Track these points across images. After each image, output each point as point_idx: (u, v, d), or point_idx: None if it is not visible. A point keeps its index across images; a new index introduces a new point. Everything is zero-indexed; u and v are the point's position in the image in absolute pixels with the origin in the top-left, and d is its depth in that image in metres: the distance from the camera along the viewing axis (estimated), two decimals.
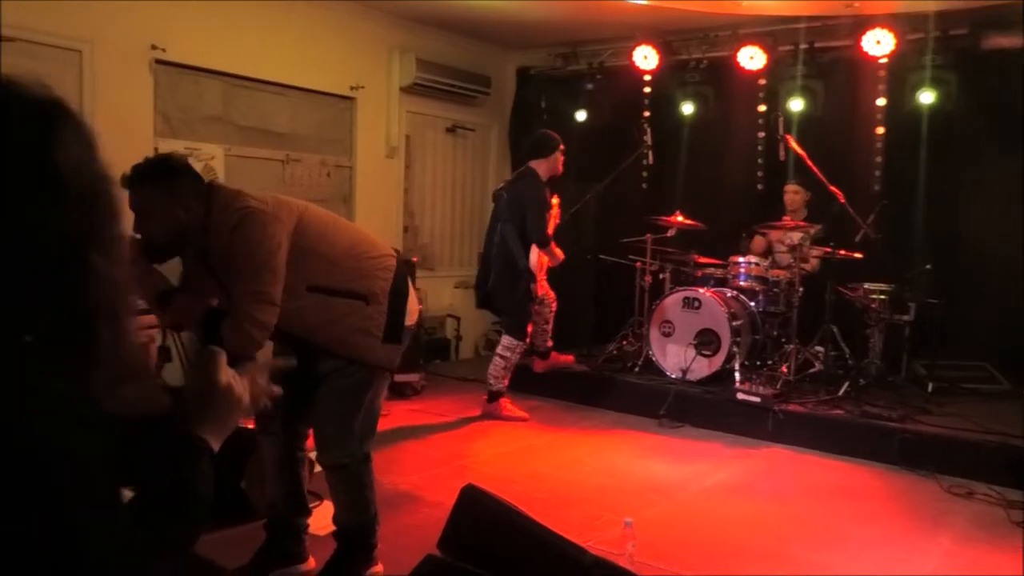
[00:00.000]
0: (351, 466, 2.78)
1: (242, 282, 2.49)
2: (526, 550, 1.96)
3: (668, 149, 6.78)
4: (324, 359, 2.71)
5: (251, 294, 2.48)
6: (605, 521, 3.55)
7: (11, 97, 0.96)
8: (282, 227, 2.55)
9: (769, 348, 5.78)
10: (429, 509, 3.63)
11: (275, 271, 2.51)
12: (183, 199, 2.48)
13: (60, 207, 0.94)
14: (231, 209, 2.51)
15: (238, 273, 2.49)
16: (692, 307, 5.65)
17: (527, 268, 5.21)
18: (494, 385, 5.37)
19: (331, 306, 2.65)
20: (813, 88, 6.15)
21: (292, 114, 6.15)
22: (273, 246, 2.51)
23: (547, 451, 4.78)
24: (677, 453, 4.78)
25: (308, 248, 2.61)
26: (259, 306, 2.48)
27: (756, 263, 5.78)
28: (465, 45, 7.29)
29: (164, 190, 2.46)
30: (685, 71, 6.68)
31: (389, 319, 2.73)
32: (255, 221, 2.50)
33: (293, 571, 2.96)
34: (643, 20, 6.36)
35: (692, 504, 3.94)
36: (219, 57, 5.56)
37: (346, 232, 2.79)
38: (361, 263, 2.73)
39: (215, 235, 2.51)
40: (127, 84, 5.09)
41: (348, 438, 2.76)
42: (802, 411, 5.04)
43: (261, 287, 2.48)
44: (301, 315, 2.62)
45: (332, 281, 2.65)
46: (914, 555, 3.42)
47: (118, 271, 0.99)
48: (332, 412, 2.75)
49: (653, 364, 5.81)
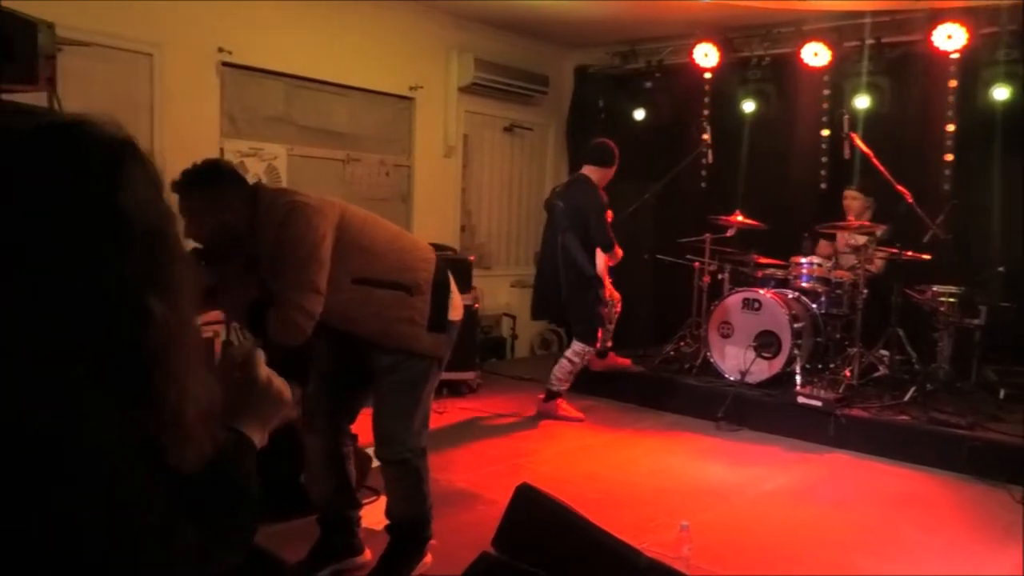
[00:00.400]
0: (411, 461, 2.82)
1: (289, 272, 2.54)
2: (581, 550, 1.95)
3: (728, 148, 6.68)
4: (381, 355, 2.75)
5: (298, 284, 2.53)
6: (660, 523, 3.52)
7: (84, 137, 0.97)
8: (326, 220, 2.60)
9: (831, 351, 5.65)
10: (484, 507, 3.65)
11: (320, 262, 2.56)
12: (230, 202, 2.55)
13: (123, 249, 0.94)
14: (277, 205, 2.58)
15: (285, 264, 2.55)
16: (752, 308, 5.55)
17: (595, 275, 5.19)
18: (555, 386, 5.36)
19: (375, 297, 2.68)
20: (880, 85, 5.98)
21: (352, 114, 6.25)
22: (318, 237, 2.56)
23: (602, 451, 4.75)
24: (735, 456, 4.70)
25: (351, 241, 2.66)
26: (306, 295, 2.53)
27: (819, 264, 5.65)
28: (523, 44, 7.29)
29: (211, 194, 2.53)
30: (746, 68, 6.57)
31: (433, 309, 2.76)
32: (301, 214, 2.56)
33: (350, 564, 3.01)
34: (704, 17, 6.27)
35: (750, 509, 3.88)
36: (282, 59, 5.68)
37: (386, 228, 2.85)
38: (402, 255, 2.78)
39: (263, 234, 2.57)
40: (195, 86, 5.23)
41: (407, 433, 2.79)
42: (866, 416, 4.91)
43: (307, 277, 2.53)
44: (345, 307, 2.66)
45: (375, 273, 2.69)
46: (982, 567, 3.30)
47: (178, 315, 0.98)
48: (392, 407, 2.79)
49: (711, 366, 5.74)
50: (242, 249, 2.62)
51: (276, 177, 5.74)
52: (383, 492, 3.68)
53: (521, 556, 1.96)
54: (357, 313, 2.69)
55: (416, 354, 2.75)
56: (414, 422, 2.80)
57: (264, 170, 5.68)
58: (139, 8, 4.88)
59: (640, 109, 7.20)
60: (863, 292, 5.30)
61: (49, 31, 3.32)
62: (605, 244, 5.18)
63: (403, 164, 6.66)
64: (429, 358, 2.79)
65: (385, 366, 2.76)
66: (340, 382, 2.93)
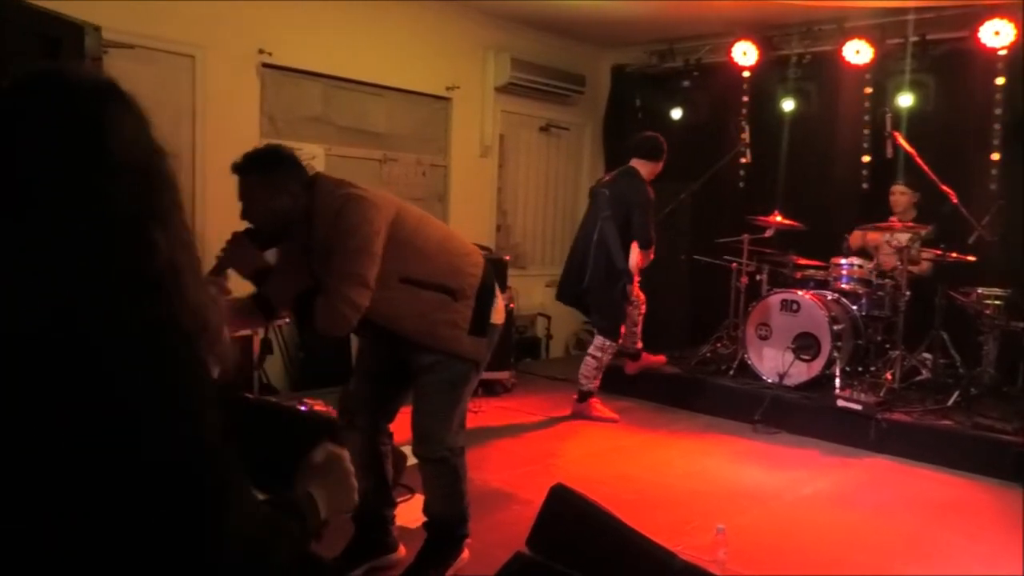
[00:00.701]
0: (448, 459, 2.83)
1: (340, 263, 2.55)
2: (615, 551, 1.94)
3: (767, 147, 6.60)
4: (422, 354, 2.76)
5: (347, 275, 2.54)
6: (696, 526, 3.49)
7: (62, 79, 1.01)
8: (381, 214, 2.61)
9: (872, 354, 5.55)
10: (519, 507, 3.65)
11: (372, 255, 2.57)
12: (288, 187, 2.57)
13: (114, 183, 0.98)
14: (335, 195, 2.59)
15: (337, 255, 2.56)
16: (790, 309, 5.48)
17: (626, 268, 5.15)
18: (585, 385, 5.35)
19: (420, 298, 2.69)
20: (924, 82, 5.87)
21: (389, 114, 6.29)
22: (372, 231, 2.57)
23: (637, 453, 4.73)
24: (772, 460, 4.65)
25: (403, 240, 2.66)
26: (354, 287, 2.54)
27: (860, 265, 5.56)
28: (560, 44, 7.28)
29: (270, 178, 2.56)
30: (786, 67, 6.50)
31: (475, 314, 2.76)
32: (357, 206, 2.57)
33: (384, 561, 3.03)
34: (743, 16, 6.21)
35: (788, 513, 3.83)
36: (321, 60, 5.74)
37: (438, 229, 2.85)
38: (452, 259, 2.78)
39: (319, 222, 2.58)
40: (236, 87, 5.32)
41: (445, 432, 2.80)
42: (907, 420, 4.82)
43: (358, 269, 2.54)
44: (391, 304, 2.67)
45: (424, 274, 2.70)
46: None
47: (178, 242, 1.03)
48: (431, 406, 2.80)
49: (748, 367, 5.67)
50: (295, 235, 2.65)
51: None
52: (418, 490, 3.71)
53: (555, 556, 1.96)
54: (401, 311, 2.70)
55: (457, 356, 2.76)
56: (452, 421, 2.82)
57: None
58: (182, 11, 4.97)
59: (677, 108, 7.16)
60: (906, 294, 5.20)
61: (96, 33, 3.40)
62: (645, 240, 5.13)
63: (439, 164, 6.69)
64: (469, 360, 2.80)
65: (425, 365, 2.77)
66: (381, 380, 2.95)
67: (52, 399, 0.88)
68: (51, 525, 0.88)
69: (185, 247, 1.05)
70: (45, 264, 0.93)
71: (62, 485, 0.88)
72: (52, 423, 0.88)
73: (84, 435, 0.88)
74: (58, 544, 0.88)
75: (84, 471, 0.88)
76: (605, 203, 5.19)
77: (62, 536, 0.88)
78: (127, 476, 0.89)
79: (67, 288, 0.93)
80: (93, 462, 0.88)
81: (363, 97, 6.11)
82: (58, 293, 0.92)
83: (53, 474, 0.87)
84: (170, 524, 0.91)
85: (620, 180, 5.25)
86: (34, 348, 0.89)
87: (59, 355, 0.89)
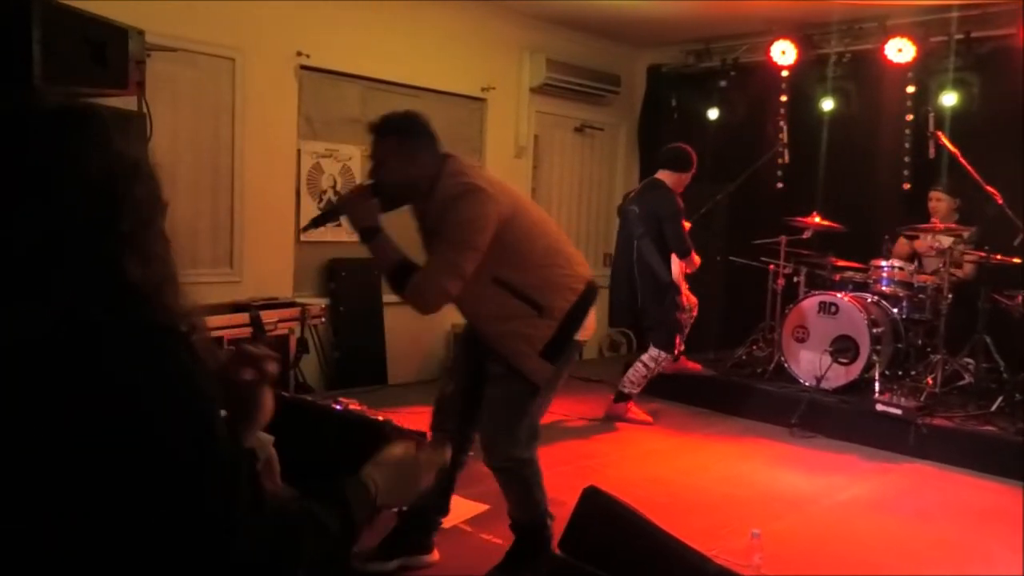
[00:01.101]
0: (513, 470, 2.83)
1: (443, 249, 2.60)
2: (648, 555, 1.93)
3: (805, 147, 6.51)
4: (493, 363, 2.78)
5: (448, 263, 2.58)
6: (730, 531, 3.45)
7: (27, 103, 1.04)
8: (497, 210, 2.62)
9: (913, 358, 5.45)
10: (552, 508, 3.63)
11: (475, 250, 2.59)
12: (421, 157, 2.65)
13: (79, 207, 0.99)
14: (458, 179, 2.63)
15: (443, 239, 2.60)
16: (828, 312, 5.40)
17: (671, 281, 5.12)
18: (627, 388, 5.32)
19: (506, 303, 2.69)
20: (968, 81, 5.74)
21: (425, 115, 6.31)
22: (482, 226, 2.59)
23: (671, 456, 4.70)
24: (809, 464, 4.59)
25: (509, 242, 2.66)
26: (449, 276, 2.58)
27: (900, 267, 5.46)
28: (595, 44, 7.26)
29: (406, 144, 2.65)
30: (826, 66, 6.40)
31: (555, 336, 2.72)
32: (476, 198, 2.60)
33: (417, 561, 3.04)
34: (782, 14, 6.14)
35: (825, 518, 3.78)
36: (357, 62, 5.79)
37: (548, 238, 2.81)
38: (551, 274, 2.75)
39: (437, 198, 2.63)
40: (274, 89, 5.39)
41: (509, 444, 2.79)
42: (949, 426, 4.72)
43: (457, 260, 2.58)
44: (477, 300, 2.71)
45: (517, 281, 2.68)
46: None
47: (150, 258, 1.04)
48: (496, 417, 2.80)
49: (785, 370, 5.61)
50: (414, 205, 2.73)
51: (351, 177, 5.86)
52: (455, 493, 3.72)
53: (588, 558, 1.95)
54: (485, 310, 2.73)
55: (520, 373, 2.73)
56: (517, 435, 2.79)
57: (339, 171, 5.81)
58: (223, 15, 5.05)
59: (714, 108, 7.09)
60: (947, 297, 5.10)
61: (140, 37, 3.46)
62: (681, 251, 5.11)
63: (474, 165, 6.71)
64: (530, 383, 2.75)
65: (494, 375, 2.79)
66: (471, 388, 2.94)
67: (56, 404, 0.89)
68: (58, 526, 0.89)
69: (159, 261, 1.06)
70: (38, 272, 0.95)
71: (69, 489, 0.88)
72: (59, 430, 0.89)
73: (91, 439, 0.89)
74: (64, 545, 0.89)
75: (91, 474, 0.89)
76: (637, 221, 5.17)
77: (69, 537, 0.89)
78: (135, 476, 0.90)
79: (60, 296, 0.94)
80: (100, 464, 0.89)
81: (399, 98, 6.14)
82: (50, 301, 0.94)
83: (60, 478, 0.88)
84: (179, 519, 0.92)
85: (647, 194, 5.22)
86: (34, 355, 0.90)
87: (57, 361, 0.90)
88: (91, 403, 0.89)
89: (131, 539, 0.90)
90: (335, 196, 5.79)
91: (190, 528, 0.92)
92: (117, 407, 0.90)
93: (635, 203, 5.25)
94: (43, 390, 0.89)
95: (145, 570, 0.92)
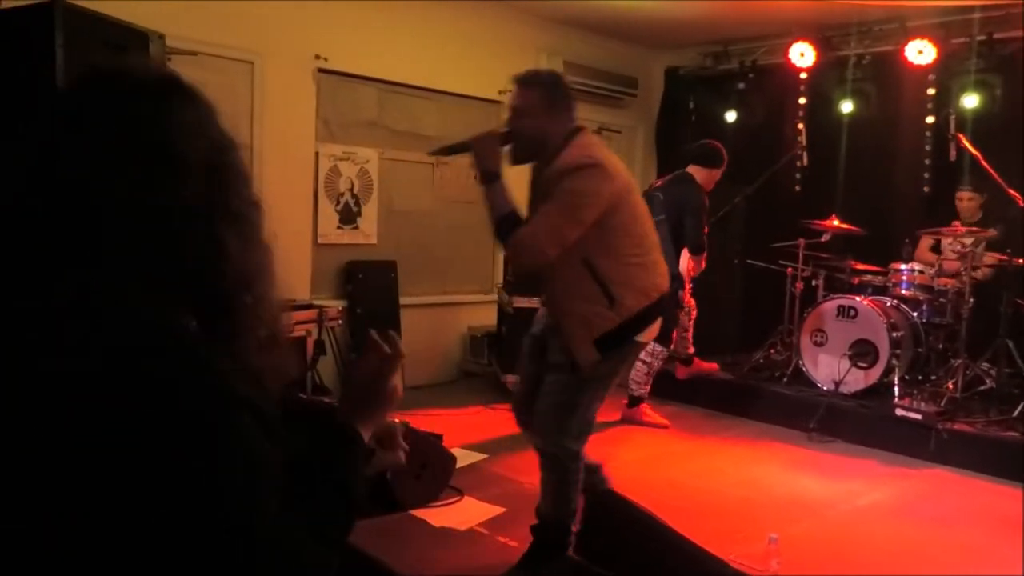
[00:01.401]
0: (560, 458, 2.85)
1: (551, 212, 2.65)
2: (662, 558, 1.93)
3: (824, 150, 6.47)
4: (553, 350, 2.83)
5: (554, 227, 2.64)
6: (747, 535, 3.42)
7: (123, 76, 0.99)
8: (611, 191, 2.68)
9: (933, 362, 5.39)
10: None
11: (581, 223, 2.66)
12: (559, 117, 2.73)
13: (179, 181, 0.94)
14: (584, 151, 2.70)
15: (552, 204, 2.65)
16: (847, 316, 5.36)
17: (677, 274, 5.10)
18: (635, 391, 5.31)
19: (583, 285, 2.74)
20: (990, 83, 5.69)
21: (442, 118, 6.34)
22: (594, 202, 2.66)
23: (687, 459, 4.67)
24: (827, 469, 4.55)
25: (609, 227, 2.72)
26: (552, 241, 2.64)
27: (920, 271, 5.41)
28: (612, 46, 7.25)
29: (548, 100, 2.72)
30: (845, 68, 6.36)
31: (615, 330, 2.76)
32: (595, 173, 2.67)
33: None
34: (800, 16, 6.10)
35: (843, 523, 3.74)
36: (375, 65, 5.81)
37: (642, 237, 2.85)
38: (633, 273, 2.79)
39: (557, 164, 2.69)
40: (293, 92, 5.42)
41: (560, 432, 2.82)
42: (970, 431, 4.67)
43: (564, 227, 2.64)
44: (557, 271, 2.75)
45: (602, 268, 2.74)
46: None
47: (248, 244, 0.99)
48: (549, 404, 2.84)
49: (803, 374, 5.57)
50: (536, 164, 2.81)
51: (368, 180, 5.88)
52: (467, 492, 3.74)
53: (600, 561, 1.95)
54: (561, 284, 2.78)
55: (572, 359, 2.76)
56: (567, 424, 2.82)
57: (356, 173, 5.83)
58: (242, 19, 5.09)
59: (732, 111, 7.06)
60: (969, 301, 5.04)
61: (160, 41, 3.50)
62: (696, 247, 5.07)
63: None
64: (580, 372, 2.77)
65: (552, 363, 2.84)
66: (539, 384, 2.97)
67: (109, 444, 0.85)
68: (69, 532, 0.85)
69: (258, 247, 1.02)
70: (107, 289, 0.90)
71: (87, 494, 0.85)
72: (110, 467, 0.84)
73: (114, 441, 0.85)
74: (79, 553, 0.86)
75: (115, 479, 0.85)
76: (659, 207, 5.12)
77: (84, 545, 0.86)
78: (155, 482, 0.86)
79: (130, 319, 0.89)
80: (125, 466, 0.85)
81: (416, 101, 6.17)
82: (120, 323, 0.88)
83: (79, 480, 0.84)
84: (199, 529, 0.88)
85: (676, 185, 5.19)
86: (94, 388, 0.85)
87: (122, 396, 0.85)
88: (118, 406, 0.85)
89: (149, 548, 0.87)
90: (352, 199, 5.82)
91: (210, 539, 0.88)
92: (145, 410, 0.85)
93: (660, 191, 5.22)
94: (92, 425, 0.84)
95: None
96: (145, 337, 0.89)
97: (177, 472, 0.86)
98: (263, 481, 0.92)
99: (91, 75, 0.99)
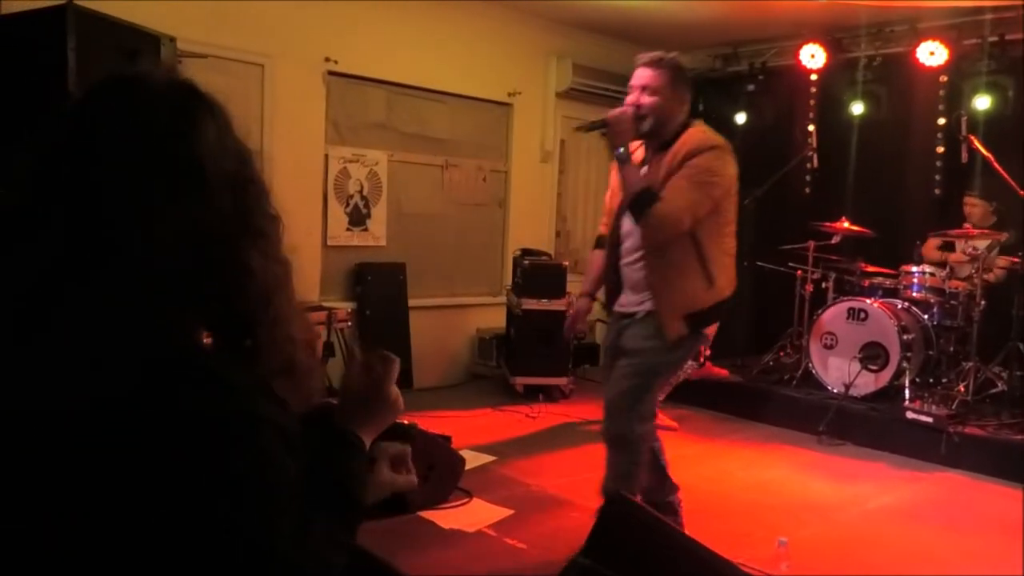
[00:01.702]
0: (628, 439, 2.92)
1: (689, 188, 2.74)
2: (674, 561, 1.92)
3: (835, 152, 6.44)
4: (631, 337, 2.90)
5: (690, 201, 2.73)
6: (757, 539, 3.42)
7: (143, 85, 0.96)
8: (732, 173, 2.85)
9: (944, 365, 5.36)
10: (577, 513, 3.63)
11: (712, 199, 2.78)
12: (683, 99, 2.87)
13: (204, 197, 0.92)
14: (708, 139, 2.82)
15: (685, 180, 2.74)
16: (857, 318, 5.34)
17: None
18: None
19: (688, 260, 2.83)
20: (1002, 84, 5.65)
21: (451, 120, 6.35)
22: (722, 183, 2.80)
23: (696, 462, 4.66)
24: (837, 472, 4.53)
25: (720, 209, 2.84)
26: (688, 213, 2.73)
27: (931, 273, 5.38)
28: (621, 49, 7.22)
29: (674, 83, 2.84)
30: (856, 69, 6.33)
31: (708, 309, 2.88)
32: (721, 155, 2.81)
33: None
34: (811, 18, 6.08)
35: (853, 527, 3.72)
36: (384, 67, 5.83)
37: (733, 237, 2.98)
38: (728, 263, 2.94)
39: (683, 142, 2.79)
40: (302, 94, 5.44)
41: (630, 415, 2.90)
42: (982, 434, 4.64)
43: (699, 201, 2.74)
44: (669, 246, 2.82)
45: (708, 248, 2.84)
46: None
47: (272, 261, 0.97)
48: (621, 387, 2.92)
49: (812, 377, 5.54)
50: (649, 145, 2.91)
51: (377, 182, 5.89)
52: (476, 494, 3.74)
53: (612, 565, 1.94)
54: (666, 258, 2.83)
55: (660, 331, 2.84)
56: (638, 407, 2.91)
57: (366, 176, 5.84)
58: (253, 22, 5.11)
59: (741, 113, 7.05)
60: (980, 303, 5.01)
61: (171, 44, 3.52)
62: None
63: (500, 170, 6.72)
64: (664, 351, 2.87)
65: (628, 349, 2.92)
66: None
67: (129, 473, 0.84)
68: (88, 545, 0.85)
69: (279, 262, 1.00)
70: (127, 312, 0.87)
71: (104, 508, 0.84)
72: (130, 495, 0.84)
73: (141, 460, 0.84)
74: (97, 566, 0.85)
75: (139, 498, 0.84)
76: None
77: (102, 558, 0.85)
78: (174, 499, 0.85)
79: (153, 341, 0.87)
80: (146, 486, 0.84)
81: (425, 104, 6.18)
82: (142, 347, 0.86)
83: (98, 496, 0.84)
84: (217, 546, 0.87)
85: None
86: (110, 407, 0.84)
87: (140, 416, 0.84)
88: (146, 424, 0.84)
89: (166, 562, 0.86)
90: (361, 201, 5.83)
91: (227, 555, 0.87)
92: (164, 429, 0.84)
93: None
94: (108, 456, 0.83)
95: None
96: (163, 355, 0.88)
97: (197, 489, 0.85)
98: (282, 500, 0.91)
99: (109, 83, 0.97)
